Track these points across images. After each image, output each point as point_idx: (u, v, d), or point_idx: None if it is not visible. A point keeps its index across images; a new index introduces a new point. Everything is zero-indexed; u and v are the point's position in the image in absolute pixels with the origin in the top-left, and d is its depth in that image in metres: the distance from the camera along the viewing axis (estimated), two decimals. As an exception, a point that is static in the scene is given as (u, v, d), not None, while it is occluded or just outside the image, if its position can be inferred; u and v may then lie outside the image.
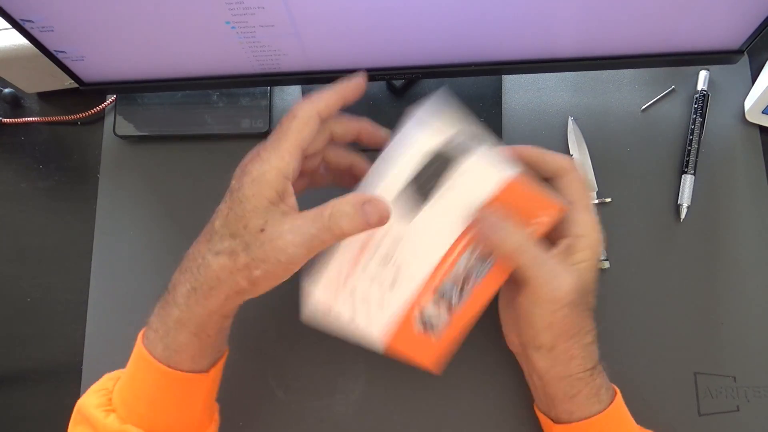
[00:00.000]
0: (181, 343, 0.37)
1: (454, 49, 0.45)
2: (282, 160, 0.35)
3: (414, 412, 0.50)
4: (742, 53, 0.46)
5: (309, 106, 0.37)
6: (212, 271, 0.35)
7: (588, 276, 0.40)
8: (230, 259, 0.35)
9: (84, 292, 0.54)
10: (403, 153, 0.37)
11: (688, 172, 0.53)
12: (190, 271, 0.36)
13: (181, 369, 0.38)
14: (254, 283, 0.35)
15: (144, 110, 0.56)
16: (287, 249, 0.34)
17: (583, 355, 0.40)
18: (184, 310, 0.36)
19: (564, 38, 0.44)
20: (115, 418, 0.38)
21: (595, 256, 0.40)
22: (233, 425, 0.50)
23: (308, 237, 0.34)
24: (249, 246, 0.34)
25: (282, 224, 0.34)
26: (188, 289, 0.36)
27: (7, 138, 0.58)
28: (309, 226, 0.34)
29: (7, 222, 0.56)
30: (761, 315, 0.51)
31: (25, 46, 0.46)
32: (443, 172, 0.37)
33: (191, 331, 0.37)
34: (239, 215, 0.35)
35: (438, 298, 0.39)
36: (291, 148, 0.36)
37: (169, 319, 0.37)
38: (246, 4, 0.39)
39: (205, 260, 0.36)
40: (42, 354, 0.53)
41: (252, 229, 0.34)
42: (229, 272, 0.35)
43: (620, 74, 0.56)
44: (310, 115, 0.37)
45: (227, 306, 0.37)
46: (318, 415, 0.50)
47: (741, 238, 0.52)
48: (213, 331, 0.38)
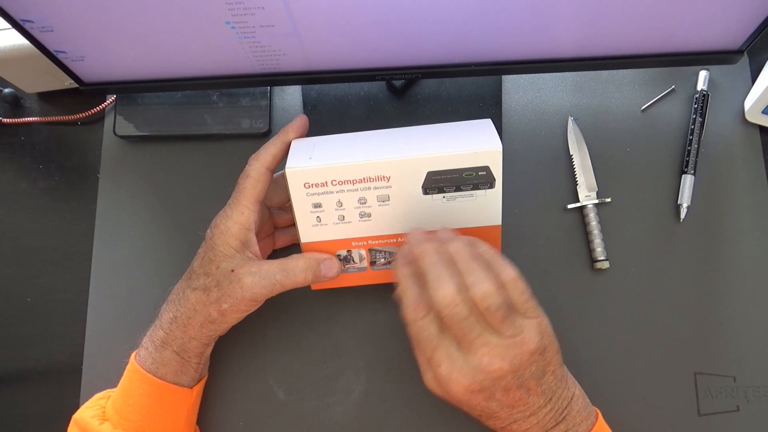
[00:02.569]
0: (166, 358, 0.44)
1: (454, 49, 0.45)
2: (242, 215, 0.43)
3: (414, 412, 0.50)
4: (742, 53, 0.46)
5: (258, 164, 0.44)
6: (190, 303, 0.43)
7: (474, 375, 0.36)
8: (204, 293, 0.42)
9: (84, 292, 0.54)
10: (465, 145, 0.41)
11: (688, 172, 0.53)
12: (173, 302, 0.44)
13: (167, 380, 0.44)
14: (223, 314, 0.43)
15: (144, 110, 0.56)
16: (253, 288, 0.42)
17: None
18: (168, 333, 0.44)
19: (564, 38, 0.44)
20: (109, 425, 0.43)
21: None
22: (233, 425, 0.50)
23: (272, 281, 0.42)
24: (220, 283, 0.42)
25: (250, 267, 0.42)
26: (171, 317, 0.44)
27: (7, 138, 0.58)
28: (275, 272, 0.42)
29: (7, 222, 0.56)
30: (761, 315, 0.51)
31: (25, 46, 0.46)
32: (470, 183, 0.42)
33: (174, 350, 0.44)
34: (211, 259, 0.43)
35: (371, 252, 0.46)
36: (248, 203, 0.43)
37: (156, 339, 0.44)
38: (246, 4, 0.39)
39: (184, 294, 0.44)
40: (42, 354, 0.53)
41: (224, 269, 0.42)
42: (203, 304, 0.43)
43: (620, 74, 0.56)
44: (261, 172, 0.43)
45: (203, 333, 0.44)
46: (318, 415, 0.50)
47: (741, 238, 0.52)
48: (193, 353, 0.44)
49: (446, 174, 0.42)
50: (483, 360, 0.36)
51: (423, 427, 0.49)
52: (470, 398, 0.37)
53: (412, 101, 0.55)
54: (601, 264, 0.51)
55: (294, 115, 0.56)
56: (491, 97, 0.55)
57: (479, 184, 0.42)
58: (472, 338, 0.36)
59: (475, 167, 0.41)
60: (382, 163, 0.41)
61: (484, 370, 0.36)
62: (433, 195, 0.42)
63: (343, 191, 0.42)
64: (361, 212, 0.44)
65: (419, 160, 0.41)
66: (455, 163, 0.41)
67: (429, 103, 0.55)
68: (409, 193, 0.42)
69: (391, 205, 0.43)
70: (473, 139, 0.42)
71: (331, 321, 0.52)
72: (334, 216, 0.44)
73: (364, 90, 0.56)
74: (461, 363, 0.36)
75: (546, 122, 0.55)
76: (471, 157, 0.41)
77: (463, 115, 0.55)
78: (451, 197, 0.43)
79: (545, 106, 0.56)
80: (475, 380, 0.36)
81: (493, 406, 0.38)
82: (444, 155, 0.41)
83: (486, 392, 0.37)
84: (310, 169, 0.42)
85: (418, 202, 0.43)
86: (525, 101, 0.56)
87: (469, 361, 0.36)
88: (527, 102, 0.56)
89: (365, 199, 0.43)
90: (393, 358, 0.51)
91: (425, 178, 0.42)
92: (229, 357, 0.51)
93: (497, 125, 0.55)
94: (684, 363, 0.50)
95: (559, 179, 0.54)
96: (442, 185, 0.42)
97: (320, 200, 0.43)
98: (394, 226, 0.44)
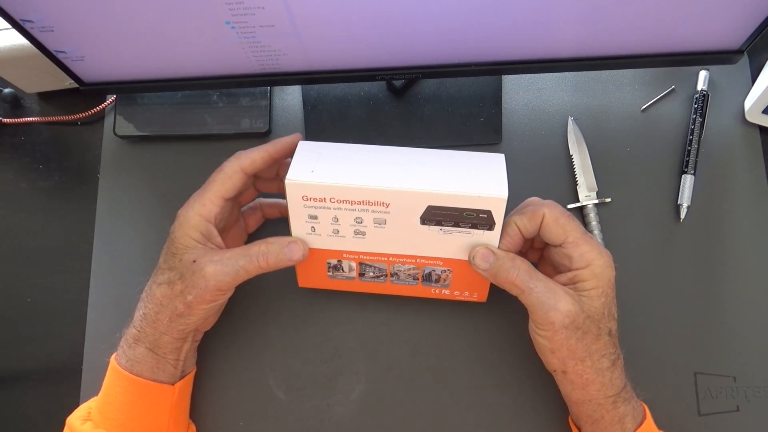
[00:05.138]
0: (139, 354, 0.43)
1: (454, 49, 0.45)
2: (203, 207, 0.43)
3: (414, 412, 0.50)
4: (742, 53, 0.46)
5: (235, 162, 0.43)
6: (156, 298, 0.43)
7: (594, 303, 0.40)
8: (169, 287, 0.42)
9: (84, 292, 0.54)
10: (471, 187, 0.41)
11: (688, 172, 0.53)
12: (143, 300, 0.44)
13: (144, 377, 0.43)
14: (189, 306, 0.42)
15: (144, 110, 0.56)
16: (216, 276, 0.41)
17: (601, 381, 0.41)
18: (139, 330, 0.44)
19: (564, 38, 0.44)
20: (91, 425, 0.44)
21: (602, 282, 0.41)
22: (233, 425, 0.50)
23: (235, 267, 0.42)
24: (183, 275, 0.42)
25: (212, 256, 0.42)
26: (141, 315, 0.44)
27: (7, 138, 0.58)
28: (237, 258, 0.42)
29: (7, 222, 0.56)
30: (761, 315, 0.51)
31: (25, 46, 0.46)
32: (468, 222, 0.42)
33: (147, 347, 0.43)
34: (173, 252, 0.43)
35: (361, 265, 0.46)
36: (212, 197, 0.43)
37: (129, 337, 0.44)
38: (246, 4, 0.39)
39: (151, 290, 0.44)
40: (42, 354, 0.53)
41: (186, 261, 0.42)
42: (168, 299, 0.42)
43: (620, 74, 0.56)
44: (235, 171, 0.43)
45: (173, 328, 0.43)
46: (318, 415, 0.50)
47: (741, 238, 0.52)
48: (168, 349, 0.44)
49: (446, 210, 0.41)
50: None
51: (423, 427, 0.49)
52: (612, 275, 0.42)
53: (412, 101, 0.55)
54: (601, 264, 0.51)
55: (294, 115, 0.56)
56: (491, 97, 0.55)
57: (478, 225, 0.42)
58: None
59: (477, 209, 0.41)
60: (384, 191, 0.41)
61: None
62: (430, 226, 0.42)
63: (341, 209, 0.42)
64: (356, 230, 0.43)
65: (421, 194, 0.41)
66: (457, 203, 0.41)
67: (429, 103, 0.55)
68: (407, 221, 0.42)
69: (386, 229, 0.43)
70: (480, 180, 0.41)
71: (331, 321, 0.52)
72: (329, 229, 0.43)
73: (364, 90, 0.56)
74: None
75: (546, 122, 0.55)
76: (474, 201, 0.40)
77: (463, 115, 0.55)
78: (448, 231, 0.42)
79: (545, 106, 0.56)
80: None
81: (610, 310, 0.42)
82: (447, 194, 0.40)
83: (597, 320, 0.41)
84: (310, 184, 0.41)
85: (414, 230, 0.43)
86: (525, 101, 0.56)
87: None
88: (527, 102, 0.56)
89: (362, 220, 0.43)
90: (393, 358, 0.51)
91: (425, 210, 0.41)
92: (228, 357, 0.51)
93: (497, 125, 0.55)
94: (684, 363, 0.50)
95: (559, 179, 0.54)
96: (440, 219, 0.42)
97: (317, 213, 0.43)
98: (387, 246, 0.44)
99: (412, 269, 0.46)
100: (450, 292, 0.48)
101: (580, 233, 0.42)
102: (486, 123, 0.55)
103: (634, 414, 0.42)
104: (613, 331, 0.42)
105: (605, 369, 0.41)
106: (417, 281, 0.47)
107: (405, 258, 0.45)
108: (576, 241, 0.41)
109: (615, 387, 0.41)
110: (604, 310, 0.41)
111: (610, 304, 0.41)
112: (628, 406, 0.42)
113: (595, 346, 0.40)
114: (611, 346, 0.41)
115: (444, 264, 0.45)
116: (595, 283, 0.40)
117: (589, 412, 0.42)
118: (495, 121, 0.55)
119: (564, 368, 0.42)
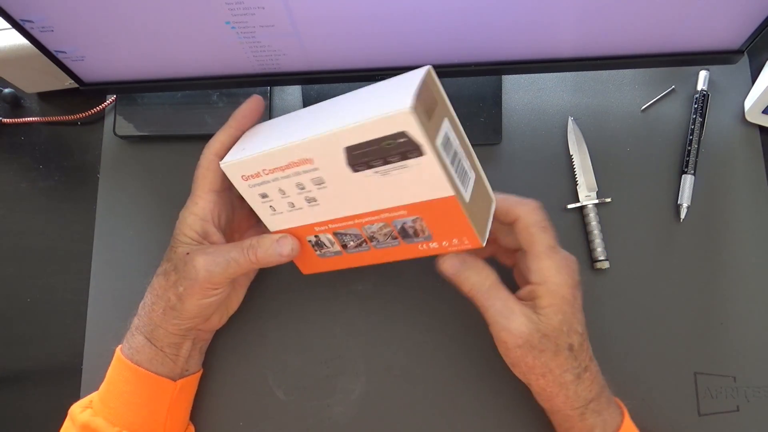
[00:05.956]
0: (138, 343, 0.44)
1: (454, 49, 0.45)
2: (196, 206, 0.44)
3: (414, 412, 0.50)
4: (742, 53, 0.46)
5: (207, 152, 0.43)
6: (154, 289, 0.44)
7: (551, 321, 0.39)
8: (165, 278, 0.44)
9: (84, 292, 0.54)
10: (376, 110, 0.34)
11: (688, 172, 0.53)
12: (147, 290, 0.46)
13: (143, 367, 0.44)
14: (180, 298, 0.42)
15: (144, 110, 0.56)
16: (207, 266, 0.41)
17: (565, 393, 0.40)
18: (140, 318, 0.45)
19: (564, 38, 0.44)
20: (90, 413, 0.44)
21: (556, 300, 0.39)
22: (233, 425, 0.50)
23: (226, 259, 0.42)
24: (176, 266, 0.43)
25: (205, 249, 0.42)
26: (143, 304, 0.46)
27: (7, 138, 0.58)
28: (228, 250, 0.42)
29: (7, 222, 0.56)
30: (761, 315, 0.51)
31: (25, 46, 0.46)
32: (395, 153, 0.35)
33: (144, 336, 0.44)
34: (172, 246, 0.44)
35: (337, 236, 0.43)
36: (201, 193, 0.44)
37: (132, 326, 0.46)
38: (246, 4, 0.39)
39: (152, 282, 0.45)
40: (42, 354, 0.53)
41: (180, 253, 0.43)
42: (164, 289, 0.43)
43: (620, 74, 0.56)
44: (210, 160, 0.43)
45: (166, 320, 0.44)
46: (318, 415, 0.50)
47: (741, 238, 0.52)
48: (164, 343, 0.44)
49: (365, 147, 0.35)
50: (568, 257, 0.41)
51: (423, 427, 0.49)
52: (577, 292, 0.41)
53: (412, 101, 0.55)
54: (601, 264, 0.51)
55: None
56: (491, 97, 0.55)
57: (407, 154, 0.35)
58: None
59: (390, 135, 0.34)
60: (298, 146, 0.37)
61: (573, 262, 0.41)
62: (364, 171, 0.37)
63: (278, 179, 0.40)
64: (306, 197, 0.40)
65: (331, 137, 0.36)
66: (367, 134, 0.34)
67: (429, 103, 0.55)
68: (339, 172, 0.38)
69: (329, 188, 0.39)
70: (387, 100, 0.34)
71: (331, 321, 0.52)
72: (283, 204, 0.42)
73: (364, 90, 0.56)
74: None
75: (546, 122, 0.55)
76: (381, 125, 0.34)
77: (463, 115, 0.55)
78: (384, 171, 0.36)
79: (545, 106, 0.56)
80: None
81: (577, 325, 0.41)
82: (353, 127, 0.35)
83: (556, 337, 0.40)
84: (240, 161, 0.40)
85: (354, 181, 0.38)
86: (525, 101, 0.56)
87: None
88: (527, 102, 0.56)
89: (302, 185, 0.40)
90: (393, 358, 0.51)
91: (345, 155, 0.36)
92: (228, 356, 0.51)
93: (497, 125, 0.55)
94: (684, 363, 0.50)
95: (559, 179, 0.54)
96: (367, 160, 0.36)
97: (263, 190, 0.41)
98: (344, 207, 0.40)
99: (384, 228, 0.41)
100: (438, 245, 0.41)
101: (545, 247, 0.40)
102: (486, 123, 0.55)
103: (605, 426, 0.41)
104: (576, 346, 0.40)
105: (568, 383, 0.40)
106: (397, 240, 0.41)
107: (369, 216, 0.40)
108: (539, 255, 0.40)
109: (581, 399, 0.41)
110: (562, 327, 0.39)
111: (570, 320, 0.40)
112: (599, 418, 0.41)
113: (554, 362, 0.40)
114: (573, 360, 0.40)
115: (409, 212, 0.39)
116: (549, 301, 0.39)
117: (559, 421, 0.43)
118: (495, 121, 0.55)
119: (527, 381, 0.42)
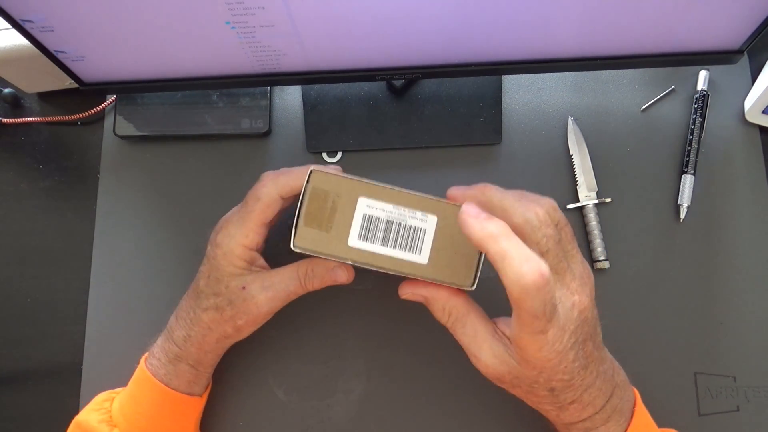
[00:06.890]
0: (180, 371, 0.44)
1: (454, 49, 0.45)
2: (246, 238, 0.42)
3: (414, 412, 0.50)
4: (742, 53, 0.46)
5: (273, 189, 0.41)
6: (203, 323, 0.43)
7: (526, 373, 0.37)
8: (217, 313, 0.42)
9: (84, 292, 0.54)
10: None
11: (688, 172, 0.53)
12: (184, 320, 0.44)
13: (180, 391, 0.44)
14: (239, 330, 0.43)
15: (144, 110, 0.56)
16: (269, 303, 0.42)
17: (554, 416, 0.39)
18: (182, 349, 0.44)
19: (564, 38, 0.44)
20: (115, 430, 0.43)
21: (540, 367, 0.36)
22: (233, 425, 0.50)
23: (285, 293, 0.42)
24: (232, 302, 0.42)
25: (261, 282, 0.42)
26: (184, 335, 0.44)
27: (7, 138, 0.58)
28: (286, 283, 0.42)
29: (7, 222, 0.56)
30: (761, 315, 0.51)
31: (25, 46, 0.46)
32: None
33: (189, 364, 0.44)
34: (218, 278, 0.42)
35: None
36: (254, 227, 0.42)
37: (170, 353, 0.44)
38: (246, 4, 0.39)
39: (196, 315, 0.43)
40: (42, 354, 0.53)
41: (234, 288, 0.42)
42: (217, 323, 0.43)
43: (620, 74, 0.56)
44: (273, 198, 0.41)
45: (219, 347, 0.45)
46: (318, 415, 0.50)
47: (741, 238, 0.52)
48: (209, 364, 0.46)
49: None
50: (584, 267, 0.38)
51: (423, 427, 0.49)
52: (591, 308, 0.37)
53: (412, 101, 0.55)
54: (601, 264, 0.51)
55: (294, 115, 0.56)
56: (491, 97, 0.55)
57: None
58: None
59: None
60: None
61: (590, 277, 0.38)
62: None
63: None
64: None
65: None
66: None
67: (429, 103, 0.55)
68: None
69: None
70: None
71: (331, 321, 0.52)
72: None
73: (364, 90, 0.56)
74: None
75: (546, 122, 0.55)
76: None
77: (463, 115, 0.55)
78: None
79: (545, 106, 0.56)
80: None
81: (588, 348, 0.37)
82: None
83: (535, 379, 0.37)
84: None
85: None
86: (525, 101, 0.56)
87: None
88: (527, 102, 0.56)
89: None
90: (393, 358, 0.51)
91: None
92: (228, 357, 0.51)
93: (497, 125, 0.55)
94: (684, 363, 0.50)
95: (559, 179, 0.54)
96: None
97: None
98: None
99: None
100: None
101: (532, 317, 0.34)
102: (486, 123, 0.55)
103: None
104: (559, 388, 0.37)
105: (550, 411, 0.39)
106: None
107: None
108: (528, 344, 0.35)
109: (572, 417, 0.39)
110: (538, 380, 0.37)
111: (549, 375, 0.36)
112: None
113: (534, 398, 0.38)
114: (553, 398, 0.38)
115: None
116: (526, 366, 0.36)
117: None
118: (495, 121, 0.55)
119: (522, 399, 0.40)
